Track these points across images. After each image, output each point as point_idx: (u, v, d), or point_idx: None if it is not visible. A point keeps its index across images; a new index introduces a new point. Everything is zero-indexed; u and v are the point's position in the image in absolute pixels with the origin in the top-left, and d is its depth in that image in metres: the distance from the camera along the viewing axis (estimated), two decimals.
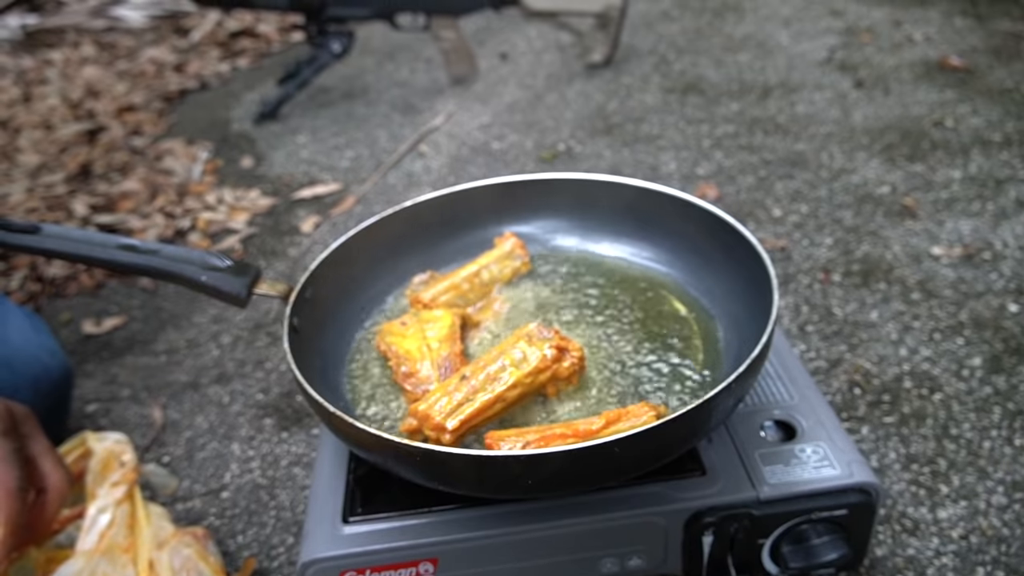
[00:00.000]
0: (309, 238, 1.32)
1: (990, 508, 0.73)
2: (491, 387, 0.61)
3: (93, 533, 0.66)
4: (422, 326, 0.69)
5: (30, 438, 0.60)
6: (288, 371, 1.01)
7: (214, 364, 1.05)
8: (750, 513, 0.60)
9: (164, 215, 1.44)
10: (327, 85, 1.89)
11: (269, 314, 1.13)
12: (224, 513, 0.82)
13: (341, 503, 0.63)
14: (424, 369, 0.66)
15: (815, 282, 1.06)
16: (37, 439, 0.60)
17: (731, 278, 0.71)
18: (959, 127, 1.40)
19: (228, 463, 0.89)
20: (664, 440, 0.55)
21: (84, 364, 1.07)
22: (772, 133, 1.47)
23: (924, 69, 1.64)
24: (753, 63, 1.78)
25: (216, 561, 0.69)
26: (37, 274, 1.28)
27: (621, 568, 0.63)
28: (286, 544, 0.78)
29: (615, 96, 1.71)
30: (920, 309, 0.99)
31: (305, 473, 0.86)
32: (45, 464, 0.60)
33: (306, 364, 0.62)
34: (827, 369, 0.91)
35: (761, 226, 1.19)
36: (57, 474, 0.61)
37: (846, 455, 0.63)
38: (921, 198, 1.21)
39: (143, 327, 1.14)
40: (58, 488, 0.60)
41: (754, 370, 0.57)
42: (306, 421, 0.93)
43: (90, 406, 1.00)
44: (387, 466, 0.58)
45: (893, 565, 0.69)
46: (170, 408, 0.98)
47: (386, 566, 0.60)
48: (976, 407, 0.84)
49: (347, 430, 0.56)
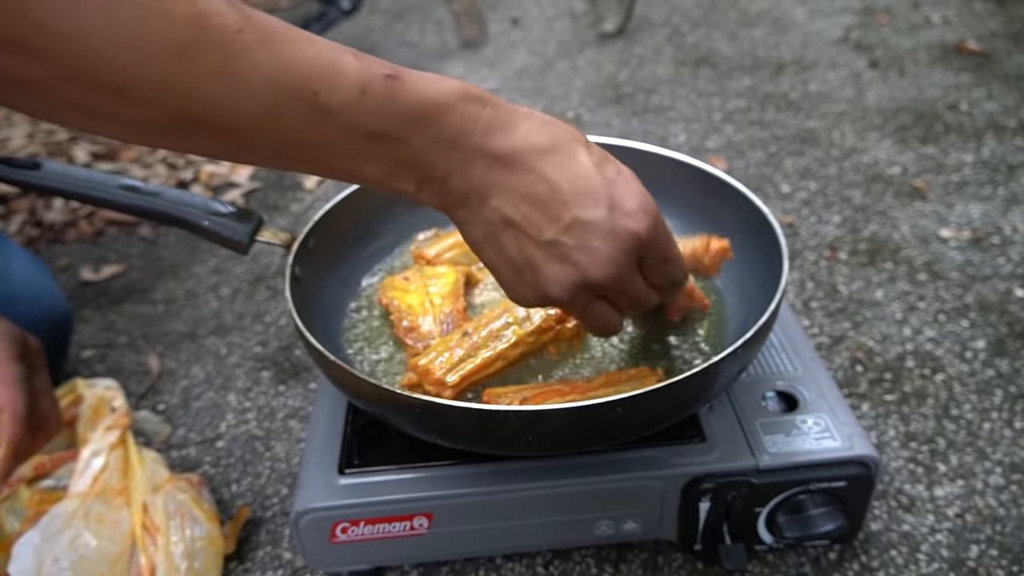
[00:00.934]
0: (312, 194, 1.31)
1: (987, 488, 0.73)
2: (493, 344, 0.61)
3: (86, 476, 0.65)
4: (425, 281, 0.69)
5: (36, 372, 0.60)
6: (287, 325, 1.00)
7: (212, 315, 1.04)
8: (748, 481, 0.60)
9: (166, 166, 1.43)
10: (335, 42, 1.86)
11: (270, 268, 1.13)
12: (219, 462, 0.82)
13: (337, 454, 0.63)
14: (426, 324, 0.65)
15: (821, 259, 1.05)
16: (42, 375, 0.61)
17: (740, 248, 0.70)
18: (973, 111, 1.38)
19: (224, 413, 0.88)
20: (667, 403, 0.54)
21: (81, 310, 1.06)
22: (784, 109, 1.45)
23: (941, 52, 1.61)
24: (768, 39, 1.76)
25: (210, 508, 0.69)
26: (36, 219, 1.27)
27: (616, 531, 0.63)
28: (280, 495, 0.78)
29: (626, 66, 1.68)
30: (926, 290, 0.98)
31: (301, 426, 0.85)
32: (43, 401, 0.60)
33: (307, 314, 0.62)
34: (830, 345, 0.91)
35: (769, 201, 1.18)
36: (52, 414, 0.61)
37: (847, 428, 0.62)
38: (932, 180, 1.20)
39: (142, 276, 1.13)
40: (48, 429, 0.60)
41: (760, 338, 0.57)
42: (304, 375, 0.93)
43: (86, 352, 0.99)
44: (385, 418, 0.57)
45: (887, 540, 0.69)
46: (167, 357, 0.97)
47: (381, 519, 0.60)
48: (978, 389, 0.83)
49: (346, 379, 0.55)
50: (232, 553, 0.70)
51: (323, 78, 0.39)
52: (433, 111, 0.42)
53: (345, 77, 0.40)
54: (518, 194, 0.44)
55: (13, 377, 0.56)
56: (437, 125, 0.42)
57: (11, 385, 0.55)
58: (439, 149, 0.43)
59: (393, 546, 0.62)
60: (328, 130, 0.41)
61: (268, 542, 0.73)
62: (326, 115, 0.40)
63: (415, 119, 0.42)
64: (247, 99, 0.38)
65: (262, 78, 0.38)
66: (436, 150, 0.43)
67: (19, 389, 0.56)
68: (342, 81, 0.40)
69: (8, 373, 0.56)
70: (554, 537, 0.64)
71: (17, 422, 0.55)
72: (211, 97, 0.38)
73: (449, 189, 0.45)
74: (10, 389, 0.55)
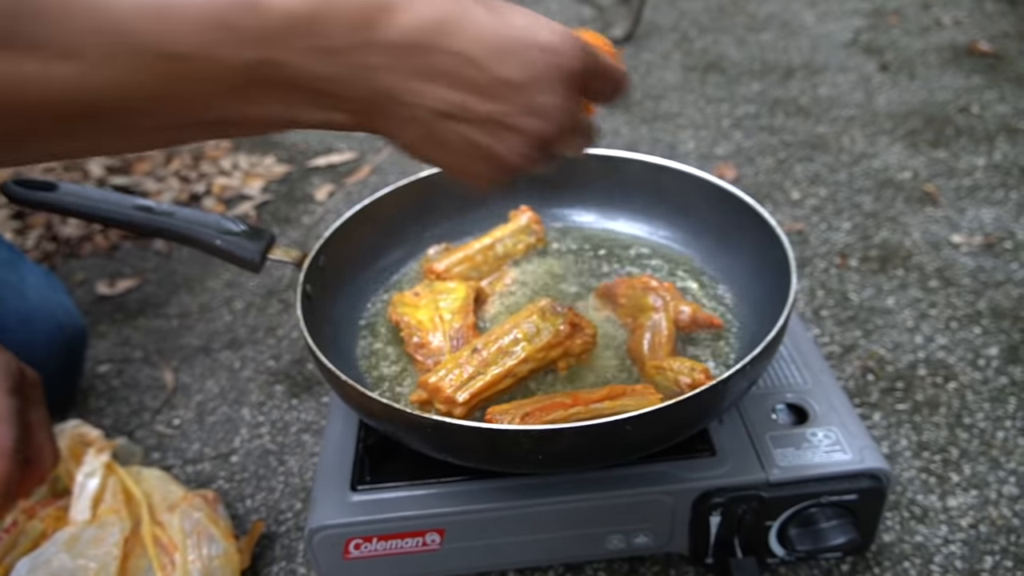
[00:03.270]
0: (323, 207, 1.32)
1: (1001, 498, 0.72)
2: (503, 360, 0.61)
3: (84, 499, 0.66)
4: (435, 297, 0.69)
5: (32, 406, 0.59)
6: (300, 338, 1.01)
7: (226, 329, 1.05)
8: (759, 495, 0.60)
9: (179, 179, 1.44)
10: None
11: (282, 281, 1.13)
12: (233, 477, 0.83)
13: (350, 471, 0.64)
14: (436, 340, 0.66)
15: (832, 266, 1.05)
16: (38, 408, 0.59)
17: (748, 259, 0.70)
18: (985, 114, 1.38)
19: (238, 427, 0.89)
20: (676, 420, 0.54)
21: (97, 325, 1.08)
22: (793, 115, 1.45)
23: (952, 54, 1.61)
24: (776, 43, 1.75)
25: (226, 524, 0.69)
26: (52, 233, 1.28)
27: (627, 545, 0.63)
28: (294, 509, 0.78)
29: (635, 72, 1.68)
30: (938, 297, 0.98)
31: (314, 440, 0.86)
32: (39, 435, 0.59)
33: (318, 331, 0.62)
34: (841, 354, 0.90)
35: (779, 208, 1.18)
36: (48, 449, 0.60)
37: (858, 440, 0.62)
38: (943, 185, 1.20)
39: (157, 290, 1.15)
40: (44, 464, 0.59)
41: (769, 353, 0.57)
42: (316, 389, 0.93)
43: (102, 367, 1.00)
44: (397, 436, 0.58)
45: (900, 551, 0.69)
46: (181, 372, 0.98)
47: (393, 535, 0.61)
48: (991, 397, 0.83)
49: (358, 398, 0.56)
50: (247, 568, 0.71)
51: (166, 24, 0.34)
52: (302, 21, 0.36)
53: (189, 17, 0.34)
54: (431, 79, 0.39)
55: (5, 411, 0.54)
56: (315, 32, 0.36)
57: (2, 420, 0.54)
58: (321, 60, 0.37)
59: (406, 562, 0.62)
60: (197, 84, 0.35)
61: (283, 557, 0.73)
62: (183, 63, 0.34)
63: (286, 31, 0.36)
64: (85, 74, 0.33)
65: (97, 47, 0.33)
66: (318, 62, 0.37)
67: (10, 424, 0.54)
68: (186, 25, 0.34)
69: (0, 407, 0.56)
70: (566, 551, 0.64)
71: (6, 458, 0.54)
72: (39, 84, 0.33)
73: (356, 102, 0.39)
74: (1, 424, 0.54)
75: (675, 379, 0.60)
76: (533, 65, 0.40)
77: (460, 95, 0.39)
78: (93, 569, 0.61)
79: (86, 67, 0.33)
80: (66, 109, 0.34)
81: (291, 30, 0.36)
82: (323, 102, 0.39)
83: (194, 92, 0.36)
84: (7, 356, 0.59)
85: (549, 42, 0.40)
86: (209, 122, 0.38)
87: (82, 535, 0.63)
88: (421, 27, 0.38)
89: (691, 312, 0.66)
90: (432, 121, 0.40)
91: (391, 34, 0.37)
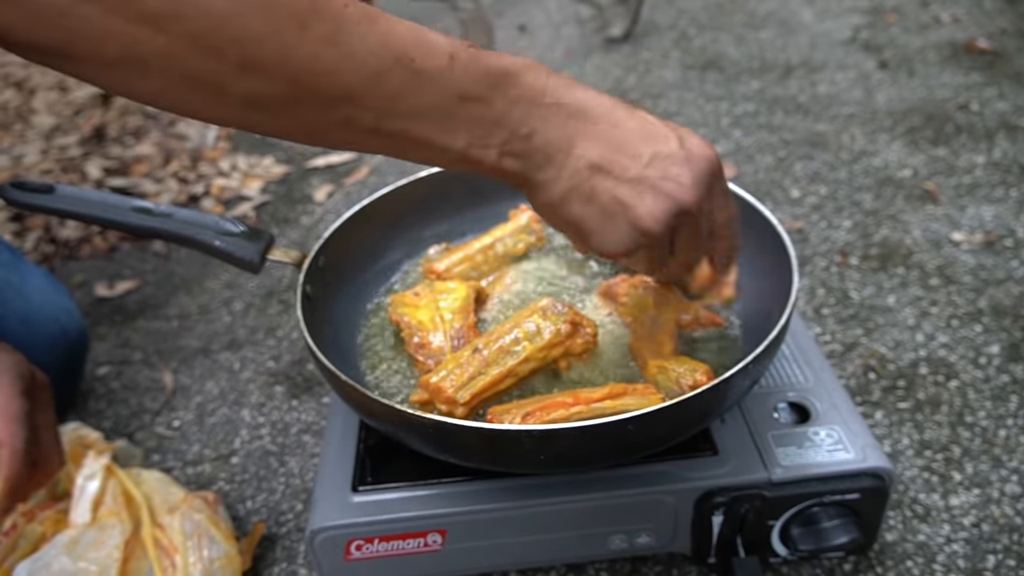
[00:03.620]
0: (322, 207, 1.32)
1: (1003, 497, 0.72)
2: (504, 360, 0.61)
3: (84, 501, 0.66)
4: (435, 297, 0.69)
5: (41, 408, 0.59)
6: (299, 339, 1.01)
7: (225, 330, 1.05)
8: (761, 494, 0.60)
9: (177, 180, 1.44)
10: None
11: (282, 281, 1.13)
12: (234, 478, 0.82)
13: (351, 472, 0.63)
14: (436, 340, 0.66)
15: (832, 265, 1.05)
16: (46, 411, 0.60)
17: (749, 258, 0.70)
18: (984, 111, 1.38)
19: (238, 429, 0.89)
20: (679, 419, 0.54)
21: (96, 327, 1.07)
22: (793, 113, 1.45)
23: (951, 51, 1.61)
24: (775, 41, 1.75)
25: (226, 526, 0.69)
26: (51, 235, 1.28)
27: (629, 545, 0.63)
28: (295, 511, 0.78)
29: (633, 71, 1.68)
30: (938, 295, 0.97)
31: (315, 441, 0.86)
32: (46, 437, 0.59)
33: (318, 332, 0.62)
34: (842, 353, 0.90)
35: (779, 207, 1.18)
36: (54, 452, 0.61)
37: (860, 439, 0.62)
38: (943, 183, 1.19)
39: (156, 291, 1.14)
40: (50, 466, 0.60)
41: (771, 352, 0.57)
42: (316, 389, 0.93)
43: (102, 369, 1.00)
44: (398, 436, 0.58)
45: (903, 551, 0.68)
46: (181, 373, 0.98)
47: (394, 536, 0.61)
48: (993, 395, 0.83)
49: (359, 399, 0.55)
50: (248, 570, 0.71)
51: (418, 47, 0.44)
52: (513, 72, 0.46)
53: (436, 46, 0.44)
54: (598, 140, 0.47)
55: (15, 412, 0.55)
56: (517, 85, 0.46)
57: (13, 420, 0.54)
58: (521, 107, 0.46)
59: (407, 563, 0.62)
60: (424, 94, 0.44)
61: (284, 558, 0.73)
62: (423, 79, 0.44)
63: (498, 80, 0.46)
64: (355, 66, 0.42)
65: (367, 47, 0.42)
66: (518, 108, 0.46)
67: (20, 425, 0.55)
68: (434, 50, 0.44)
69: (11, 408, 0.55)
70: (568, 552, 0.64)
71: (16, 458, 0.54)
72: (323, 66, 0.41)
73: (533, 147, 0.47)
74: (11, 424, 0.54)
75: (676, 380, 0.59)
76: (678, 147, 0.48)
77: (617, 155, 0.47)
78: (94, 572, 0.60)
79: (363, 69, 0.42)
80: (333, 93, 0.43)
81: (504, 76, 0.46)
82: (503, 141, 0.47)
83: (418, 105, 0.44)
84: (18, 357, 0.59)
85: (692, 137, 0.49)
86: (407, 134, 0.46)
87: (82, 538, 0.63)
88: (598, 104, 0.48)
89: (693, 311, 0.66)
90: (588, 172, 0.48)
91: (575, 101, 0.47)
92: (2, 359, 0.58)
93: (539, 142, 0.47)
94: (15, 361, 0.58)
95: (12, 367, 0.57)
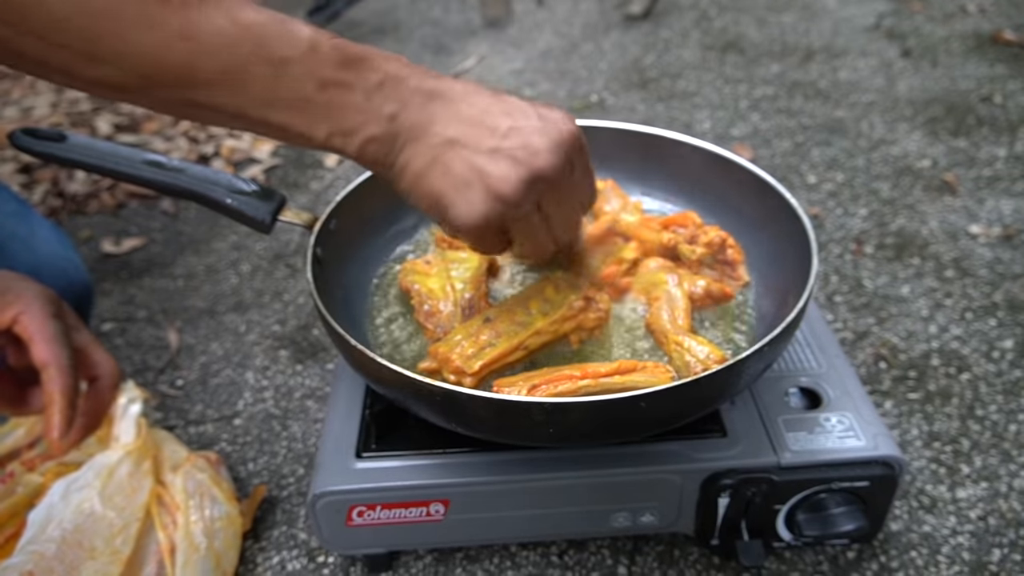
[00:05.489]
0: (332, 172, 1.31)
1: (1011, 491, 0.72)
2: (514, 332, 0.60)
3: (128, 420, 0.66)
4: (447, 266, 0.68)
5: (76, 330, 0.60)
6: (305, 304, 1.00)
7: (232, 292, 1.04)
8: (769, 478, 0.59)
9: (188, 139, 1.42)
10: (357, 19, 1.85)
11: (289, 245, 1.12)
12: (236, 440, 0.82)
13: (355, 438, 0.63)
14: (446, 309, 0.65)
15: (847, 252, 1.04)
16: (82, 331, 0.61)
17: (767, 240, 0.69)
18: (1008, 104, 1.35)
19: (242, 391, 0.88)
20: (691, 398, 0.53)
21: (102, 283, 1.07)
22: (812, 98, 1.43)
23: (976, 42, 1.58)
24: (797, 25, 1.72)
25: (228, 487, 0.69)
26: (59, 189, 1.27)
27: (633, 523, 0.62)
28: (296, 475, 0.78)
29: (652, 50, 1.66)
30: (953, 287, 0.96)
31: (318, 406, 0.85)
32: (95, 353, 0.60)
33: (327, 295, 0.61)
34: (853, 341, 0.89)
35: (795, 192, 1.16)
36: (107, 361, 0.62)
37: (872, 427, 0.61)
38: (962, 174, 1.18)
39: (163, 250, 1.14)
40: (110, 373, 0.61)
41: (786, 336, 0.56)
42: (321, 355, 0.92)
43: (106, 325, 0.99)
44: (405, 404, 0.57)
45: (908, 541, 0.68)
46: (186, 332, 0.97)
47: (397, 503, 0.60)
48: (1004, 390, 0.82)
49: (367, 364, 0.55)
50: (248, 531, 0.71)
51: (278, 38, 0.44)
52: (372, 58, 0.47)
53: (297, 35, 0.45)
54: (457, 118, 0.48)
55: (52, 333, 0.56)
56: (377, 70, 0.47)
57: (52, 340, 0.56)
58: (382, 92, 0.47)
59: (409, 531, 0.62)
60: (281, 84, 0.44)
61: (284, 522, 0.73)
62: (279, 69, 0.44)
63: (358, 64, 0.46)
64: (208, 59, 0.43)
65: (221, 40, 0.42)
66: (379, 94, 0.47)
67: (60, 344, 0.56)
68: (294, 39, 0.44)
69: (46, 330, 0.56)
70: (570, 527, 0.64)
71: (64, 374, 0.55)
72: (175, 59, 0.42)
73: (394, 130, 0.48)
74: (51, 344, 0.56)
75: (690, 358, 0.59)
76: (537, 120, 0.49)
77: (475, 130, 0.48)
78: (118, 525, 0.60)
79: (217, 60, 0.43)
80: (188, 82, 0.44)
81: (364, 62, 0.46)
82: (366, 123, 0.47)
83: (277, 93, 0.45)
84: (40, 284, 0.60)
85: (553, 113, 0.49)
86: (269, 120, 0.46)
87: (118, 471, 0.62)
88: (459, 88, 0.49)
89: (705, 284, 0.65)
90: (445, 146, 0.48)
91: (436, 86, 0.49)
92: (28, 287, 0.58)
93: (400, 125, 0.48)
94: (40, 287, 0.59)
95: (39, 293, 0.58)
